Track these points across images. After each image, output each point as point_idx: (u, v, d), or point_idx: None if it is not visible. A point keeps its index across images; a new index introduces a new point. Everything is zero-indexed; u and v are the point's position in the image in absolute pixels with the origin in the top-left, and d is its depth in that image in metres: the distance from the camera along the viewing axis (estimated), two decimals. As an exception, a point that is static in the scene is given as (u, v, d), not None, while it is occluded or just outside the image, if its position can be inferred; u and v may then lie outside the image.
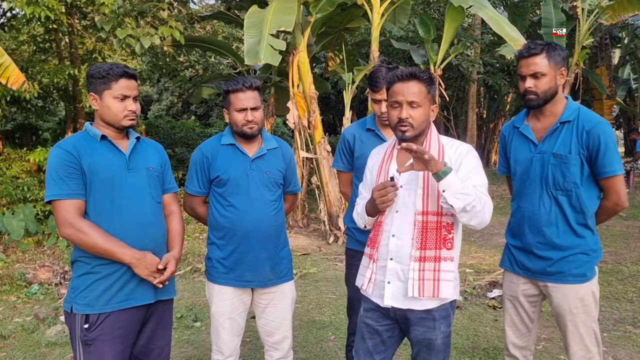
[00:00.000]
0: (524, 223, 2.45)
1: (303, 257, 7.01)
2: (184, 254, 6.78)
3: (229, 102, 2.62)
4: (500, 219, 9.34)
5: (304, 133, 8.17)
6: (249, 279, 2.63)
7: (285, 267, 2.73)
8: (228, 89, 2.61)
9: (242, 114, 2.58)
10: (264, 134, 2.74)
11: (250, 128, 2.59)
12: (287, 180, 2.79)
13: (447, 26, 8.41)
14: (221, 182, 2.62)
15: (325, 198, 8.17)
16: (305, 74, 7.83)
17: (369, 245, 2.22)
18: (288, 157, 2.80)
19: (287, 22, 6.35)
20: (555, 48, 2.35)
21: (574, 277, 2.35)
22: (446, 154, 2.11)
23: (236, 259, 2.61)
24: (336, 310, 4.81)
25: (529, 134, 2.47)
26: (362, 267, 2.28)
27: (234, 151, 2.65)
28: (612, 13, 10.93)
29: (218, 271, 2.65)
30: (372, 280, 2.17)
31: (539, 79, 2.33)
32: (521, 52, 2.41)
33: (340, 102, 15.61)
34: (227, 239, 2.62)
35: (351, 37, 11.09)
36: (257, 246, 2.60)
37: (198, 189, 2.71)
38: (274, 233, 2.66)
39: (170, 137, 12.34)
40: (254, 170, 2.63)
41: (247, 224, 2.58)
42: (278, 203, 2.71)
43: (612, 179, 2.30)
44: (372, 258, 2.17)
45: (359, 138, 2.85)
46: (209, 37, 10.98)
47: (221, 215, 2.63)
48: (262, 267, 2.63)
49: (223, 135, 2.71)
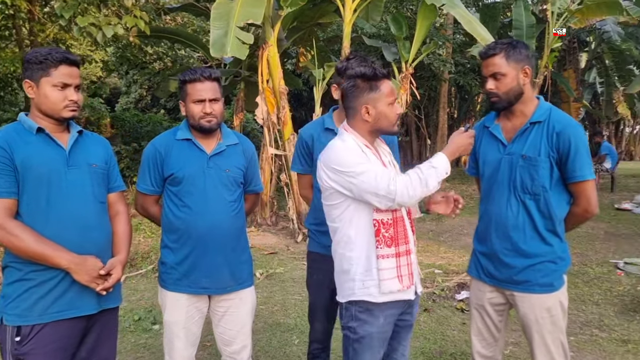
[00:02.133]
0: (491, 227, 2.36)
1: (270, 256, 6.85)
2: (146, 252, 6.56)
3: (186, 93, 2.43)
4: (469, 219, 9.36)
5: (273, 129, 8.00)
6: (205, 286, 2.45)
7: (244, 273, 2.56)
8: (185, 79, 2.42)
9: (199, 106, 2.39)
10: (224, 129, 2.56)
11: (208, 121, 2.40)
12: (247, 179, 2.61)
13: (420, 24, 8.34)
14: (175, 180, 2.43)
15: (294, 196, 8.03)
16: (274, 68, 7.66)
17: (401, 244, 2.10)
18: (249, 154, 2.63)
19: (256, 15, 6.16)
20: (515, 47, 2.25)
21: (541, 287, 2.26)
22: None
23: (191, 264, 2.43)
24: (302, 312, 4.68)
25: (498, 134, 2.37)
26: (395, 270, 2.09)
27: (190, 147, 2.46)
28: (581, 17, 11.06)
29: (172, 277, 2.47)
30: (409, 273, 2.13)
31: (498, 80, 2.25)
32: (480, 53, 2.33)
33: (311, 98, 15.45)
34: (181, 242, 2.44)
35: (323, 33, 10.95)
36: (214, 250, 2.42)
37: (150, 187, 2.51)
38: (232, 236, 2.48)
39: (136, 131, 12.00)
40: (212, 168, 2.44)
41: (203, 226, 2.40)
42: (238, 204, 2.53)
43: (582, 183, 2.21)
44: (409, 252, 2.13)
45: (318, 138, 2.69)
46: (177, 29, 10.69)
47: (175, 216, 2.44)
48: (219, 273, 2.45)
49: (178, 130, 2.52)
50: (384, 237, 2.07)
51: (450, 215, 2.23)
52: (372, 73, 2.07)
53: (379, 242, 2.06)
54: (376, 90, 2.07)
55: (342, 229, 2.12)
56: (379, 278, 2.06)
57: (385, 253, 2.07)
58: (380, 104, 2.07)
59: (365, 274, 2.08)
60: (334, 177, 2.07)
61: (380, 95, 2.07)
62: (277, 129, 8.00)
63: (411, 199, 2.00)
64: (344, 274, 2.15)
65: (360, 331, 2.10)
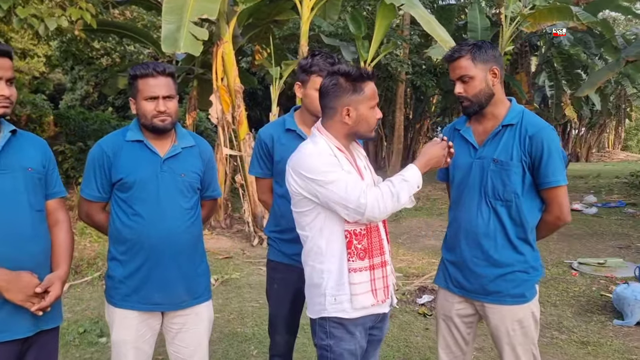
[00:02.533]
0: (460, 235, 2.26)
1: (225, 260, 6.61)
2: (92, 257, 6.20)
3: (137, 90, 2.21)
4: (427, 220, 9.41)
5: (227, 129, 7.75)
6: (157, 302, 2.24)
7: (201, 286, 2.36)
8: (135, 74, 2.20)
9: (152, 104, 2.18)
10: (179, 130, 2.35)
11: (162, 120, 2.19)
12: (205, 184, 2.42)
13: (378, 24, 8.29)
14: (125, 185, 2.21)
15: (250, 198, 7.81)
16: (230, 66, 7.42)
17: (375, 255, 1.97)
18: (207, 156, 2.42)
19: (211, 10, 5.92)
20: (481, 47, 2.17)
21: (512, 298, 2.17)
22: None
23: (142, 278, 2.21)
24: (259, 320, 4.49)
25: (469, 137, 2.27)
26: (368, 284, 1.96)
27: (142, 149, 2.25)
28: (533, 21, 11.34)
29: (120, 292, 2.24)
30: (385, 287, 2.01)
31: (467, 83, 2.16)
32: (446, 57, 2.24)
33: (267, 97, 15.23)
34: (131, 254, 2.22)
35: (279, 30, 10.76)
36: (168, 263, 2.22)
37: (96, 194, 2.28)
38: (189, 247, 2.28)
39: (82, 129, 11.45)
40: (166, 173, 2.23)
41: (156, 236, 2.19)
42: (194, 211, 2.32)
43: (555, 189, 2.13)
44: (384, 264, 2.01)
45: (278, 140, 2.52)
46: (126, 23, 10.24)
47: (125, 225, 2.22)
48: (174, 287, 2.25)
49: (128, 130, 2.29)
50: (357, 250, 1.94)
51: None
52: (357, 73, 1.96)
53: (350, 255, 1.94)
54: (360, 92, 1.95)
55: (313, 239, 1.98)
56: (351, 293, 1.93)
57: (358, 266, 1.94)
58: (362, 106, 1.96)
59: (336, 288, 1.95)
60: (301, 184, 1.92)
61: (364, 97, 1.96)
62: (232, 128, 7.76)
63: (381, 214, 1.89)
64: (315, 287, 2.01)
65: (337, 349, 1.97)
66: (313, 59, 2.45)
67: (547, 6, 11.07)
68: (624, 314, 4.35)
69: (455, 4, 14.49)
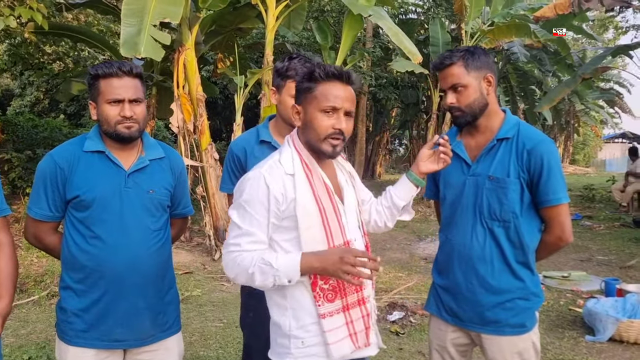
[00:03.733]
0: (454, 259, 2.08)
1: (185, 276, 6.28)
2: (40, 274, 5.74)
3: (98, 92, 1.93)
4: (392, 233, 9.31)
5: (188, 138, 7.46)
6: (120, 338, 1.96)
7: (171, 317, 2.10)
8: (97, 73, 1.93)
9: (116, 108, 1.92)
10: (146, 139, 2.08)
11: (127, 127, 1.93)
12: (175, 201, 2.16)
13: (345, 34, 8.20)
14: (82, 204, 1.93)
15: (211, 210, 7.52)
16: (192, 74, 7.15)
17: (349, 293, 1.68)
18: (178, 170, 2.17)
19: (173, 14, 5.65)
20: (474, 53, 2.01)
21: (512, 328, 2.00)
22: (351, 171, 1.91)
23: (102, 311, 1.94)
24: (224, 342, 4.23)
25: (461, 152, 2.10)
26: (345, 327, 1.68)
27: (103, 161, 1.97)
28: (492, 37, 11.57)
29: (74, 327, 1.95)
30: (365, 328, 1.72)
31: (459, 92, 1.98)
32: (436, 65, 2.05)
33: (227, 107, 14.95)
34: (89, 283, 1.94)
35: (243, 39, 10.54)
36: (133, 292, 1.95)
37: (47, 212, 1.98)
38: (157, 273, 2.02)
39: (31, 137, 10.83)
40: (131, 189, 1.97)
41: (120, 262, 1.92)
42: (163, 232, 2.06)
43: (556, 208, 1.98)
44: (363, 302, 1.72)
45: (252, 153, 2.28)
46: (80, 27, 9.78)
47: (81, 250, 1.94)
48: (139, 320, 1.97)
49: (87, 139, 2.00)
50: (323, 291, 1.64)
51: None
52: (312, 71, 1.68)
53: (317, 298, 1.63)
54: (310, 91, 1.67)
55: None
56: (325, 341, 1.64)
57: (328, 310, 1.64)
58: (310, 107, 1.67)
59: (304, 329, 1.66)
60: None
61: (312, 97, 1.66)
62: (194, 138, 7.48)
63: (231, 278, 1.67)
64: (277, 326, 1.72)
65: None
66: (290, 63, 2.25)
67: (505, 23, 11.30)
68: (596, 330, 4.33)
69: (416, 18, 14.64)
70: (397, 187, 1.97)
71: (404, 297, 5.39)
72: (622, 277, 6.15)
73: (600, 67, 10.72)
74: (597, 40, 16.11)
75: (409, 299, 5.30)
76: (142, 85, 2.01)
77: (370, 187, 2.08)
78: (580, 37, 21.31)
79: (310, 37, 10.33)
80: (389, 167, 24.56)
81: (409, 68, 9.57)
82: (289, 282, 1.58)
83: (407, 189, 1.95)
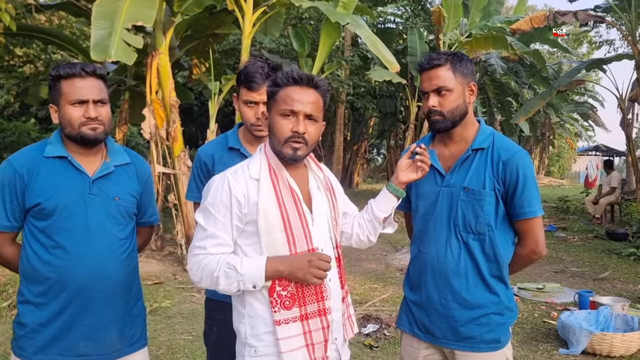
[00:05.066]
0: (427, 273, 1.99)
1: (155, 286, 6.11)
2: (2, 284, 5.52)
3: (60, 93, 1.85)
4: (367, 243, 9.24)
5: (161, 145, 7.30)
6: (83, 352, 1.87)
7: (138, 330, 2.02)
8: (59, 74, 1.84)
9: (80, 109, 1.84)
10: (110, 145, 2.00)
11: (92, 129, 1.85)
12: (142, 208, 2.08)
13: (322, 42, 8.15)
14: (44, 212, 1.83)
15: (183, 219, 7.35)
16: (165, 79, 7.00)
17: (309, 302, 1.63)
18: (144, 177, 2.09)
19: (147, 17, 5.52)
20: (462, 58, 1.94)
21: (487, 344, 1.92)
22: (331, 180, 1.88)
23: (65, 325, 1.84)
24: (192, 356, 4.08)
25: (434, 162, 2.01)
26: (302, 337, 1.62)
27: (65, 167, 1.88)
28: (470, 49, 11.66)
29: (34, 343, 1.84)
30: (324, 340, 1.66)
31: (443, 96, 1.90)
32: (422, 64, 1.97)
33: (203, 113, 14.79)
34: (51, 295, 1.84)
35: (219, 44, 10.42)
36: (100, 304, 1.87)
37: (5, 222, 1.87)
38: (124, 284, 1.94)
39: (-2, 141, 10.55)
40: (96, 196, 1.89)
41: (85, 273, 1.84)
42: (130, 241, 1.99)
43: (530, 221, 1.92)
44: (324, 312, 1.65)
45: (220, 160, 2.20)
46: (51, 29, 9.56)
47: (42, 261, 1.84)
48: (105, 334, 1.89)
49: (48, 144, 1.91)
50: (281, 297, 1.61)
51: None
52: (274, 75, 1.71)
53: (273, 304, 1.60)
54: (273, 96, 1.69)
55: None
56: (279, 349, 1.60)
57: (284, 317, 1.60)
58: (273, 112, 1.68)
59: (255, 338, 1.63)
60: None
61: (274, 101, 1.68)
62: (166, 144, 7.32)
63: (196, 282, 1.67)
64: (237, 333, 1.71)
65: None
66: (244, 69, 2.18)
67: (483, 35, 11.42)
68: (569, 343, 4.29)
69: (394, 28, 14.71)
70: (377, 199, 1.93)
71: (379, 309, 5.30)
72: (596, 288, 6.18)
73: (575, 80, 10.89)
74: (572, 54, 16.43)
75: (384, 311, 5.21)
76: (106, 87, 1.94)
77: (347, 196, 2.02)
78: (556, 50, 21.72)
79: (288, 44, 10.27)
80: (366, 176, 24.61)
81: (387, 77, 9.58)
82: (253, 288, 1.58)
83: (388, 200, 1.90)
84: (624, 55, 11.10)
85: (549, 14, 9.72)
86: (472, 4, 11.94)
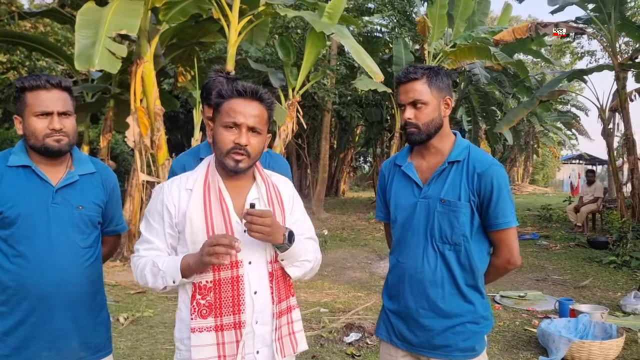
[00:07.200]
0: (404, 282, 2.03)
1: (137, 296, 6.07)
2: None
3: (24, 104, 1.87)
4: (352, 251, 9.28)
5: (145, 153, 7.29)
6: None
7: (102, 338, 2.03)
8: (24, 85, 1.86)
9: (44, 121, 1.85)
10: (76, 154, 2.02)
11: (57, 141, 1.87)
12: (107, 217, 2.09)
13: (308, 52, 8.20)
14: (6, 221, 1.84)
15: (168, 227, 7.31)
16: (150, 87, 6.99)
17: (226, 314, 1.65)
18: (110, 185, 2.10)
19: (131, 26, 5.52)
20: (437, 73, 1.99)
21: (462, 352, 1.96)
22: (282, 194, 1.84)
23: (27, 334, 1.84)
24: (173, 366, 4.05)
25: (412, 174, 2.06)
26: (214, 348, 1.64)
27: (29, 176, 1.89)
28: (454, 58, 11.81)
29: None
30: (235, 354, 1.65)
31: (419, 109, 1.95)
32: (399, 78, 2.02)
33: (189, 121, 14.75)
34: (12, 304, 1.84)
35: (204, 53, 10.42)
36: (62, 313, 1.87)
37: None
38: (87, 293, 1.94)
39: (-20, 149, 10.42)
40: (59, 205, 1.89)
41: (46, 282, 1.84)
42: (94, 249, 2.00)
43: (505, 231, 1.97)
44: (239, 326, 1.66)
45: (191, 170, 2.25)
46: (35, 36, 9.50)
47: (3, 269, 1.84)
48: (67, 343, 1.90)
49: (12, 154, 1.92)
50: (199, 305, 1.66)
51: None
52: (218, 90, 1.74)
53: (192, 312, 1.66)
54: (218, 107, 1.72)
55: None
56: (191, 356, 1.65)
57: (199, 326, 1.65)
58: (216, 123, 1.72)
59: (180, 342, 1.75)
60: None
61: (218, 113, 1.71)
62: (151, 152, 7.31)
63: (138, 280, 1.76)
64: None
65: None
66: (206, 84, 2.29)
67: (467, 45, 11.56)
68: (549, 351, 4.34)
69: (380, 37, 14.83)
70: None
71: (362, 317, 5.32)
72: (576, 296, 6.25)
73: (557, 90, 11.05)
74: (554, 64, 16.67)
75: (367, 319, 5.22)
76: (72, 99, 1.96)
77: (333, 204, 2.02)
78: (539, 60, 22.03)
79: (273, 53, 10.31)
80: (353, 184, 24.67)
81: (372, 87, 9.65)
82: (173, 283, 1.66)
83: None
84: (605, 66, 11.29)
85: (531, 25, 9.86)
86: (457, 15, 12.10)
